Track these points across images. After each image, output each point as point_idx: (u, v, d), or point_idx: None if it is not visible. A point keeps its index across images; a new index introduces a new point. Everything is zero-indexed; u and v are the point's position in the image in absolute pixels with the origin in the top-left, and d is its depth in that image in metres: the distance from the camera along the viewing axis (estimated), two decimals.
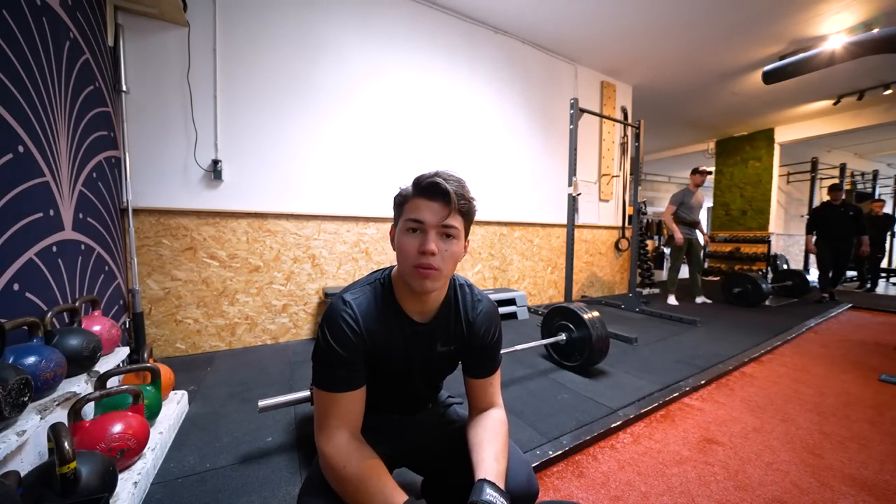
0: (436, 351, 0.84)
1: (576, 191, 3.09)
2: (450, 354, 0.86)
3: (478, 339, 0.85)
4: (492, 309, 0.89)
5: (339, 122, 2.96)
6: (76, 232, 1.64)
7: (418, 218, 0.71)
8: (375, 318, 0.76)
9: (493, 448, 0.74)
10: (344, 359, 0.72)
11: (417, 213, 0.72)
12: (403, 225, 0.74)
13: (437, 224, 0.71)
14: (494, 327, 0.87)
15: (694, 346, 2.73)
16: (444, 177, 0.72)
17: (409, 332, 0.81)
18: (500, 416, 0.84)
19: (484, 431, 0.79)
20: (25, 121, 1.30)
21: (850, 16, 3.49)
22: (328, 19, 2.89)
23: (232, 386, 1.96)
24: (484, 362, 0.87)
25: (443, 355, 0.85)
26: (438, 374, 0.92)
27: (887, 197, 9.33)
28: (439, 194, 0.71)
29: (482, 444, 0.76)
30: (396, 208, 0.78)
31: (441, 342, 0.84)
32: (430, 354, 0.84)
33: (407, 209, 0.74)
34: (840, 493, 1.24)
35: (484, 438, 0.77)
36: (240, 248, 2.60)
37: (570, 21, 3.67)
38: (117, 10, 2.21)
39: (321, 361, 0.73)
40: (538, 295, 4.32)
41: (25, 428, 0.94)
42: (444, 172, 0.73)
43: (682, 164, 10.05)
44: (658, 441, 1.54)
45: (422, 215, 0.71)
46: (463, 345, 0.86)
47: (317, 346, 0.75)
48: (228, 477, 1.23)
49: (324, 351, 0.73)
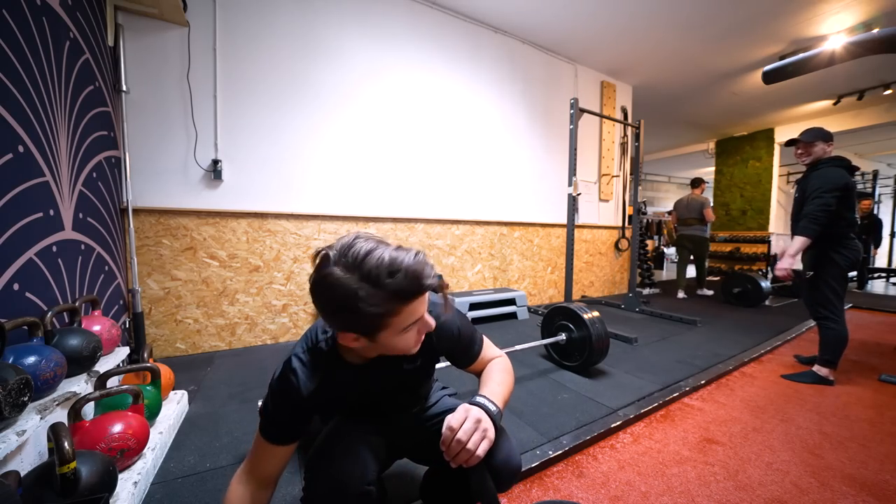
0: (403, 370, 0.83)
1: (576, 191, 3.09)
2: (417, 369, 0.86)
3: (441, 343, 0.85)
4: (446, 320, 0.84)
5: (340, 121, 2.96)
6: (76, 232, 1.64)
7: (416, 319, 0.66)
8: (321, 382, 0.75)
9: (491, 380, 0.84)
10: (281, 420, 0.75)
11: (415, 315, 0.65)
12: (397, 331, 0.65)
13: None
14: (456, 327, 0.85)
15: (694, 345, 2.73)
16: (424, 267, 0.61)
17: (367, 375, 0.79)
18: (498, 360, 0.91)
19: (484, 373, 0.88)
20: (25, 121, 1.30)
21: (850, 16, 3.49)
22: (328, 19, 2.89)
23: (232, 386, 1.96)
24: (463, 352, 0.89)
25: (410, 371, 0.84)
26: (413, 385, 0.91)
27: (887, 197, 9.32)
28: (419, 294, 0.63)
29: (482, 381, 0.86)
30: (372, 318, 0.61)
31: (406, 362, 0.82)
32: (399, 375, 0.84)
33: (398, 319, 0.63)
34: (840, 493, 1.24)
35: (484, 378, 0.87)
36: (240, 248, 2.60)
37: (570, 21, 3.67)
38: (117, 10, 2.21)
39: (264, 412, 0.77)
40: (538, 295, 4.32)
41: (25, 428, 0.94)
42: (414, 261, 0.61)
43: (682, 164, 10.06)
44: (658, 441, 1.54)
45: (418, 313, 0.65)
46: (432, 352, 0.86)
47: (264, 400, 0.78)
48: (228, 477, 1.22)
49: (267, 405, 0.76)
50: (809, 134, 2.17)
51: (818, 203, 2.03)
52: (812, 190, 2.09)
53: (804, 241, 2.07)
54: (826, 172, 2.08)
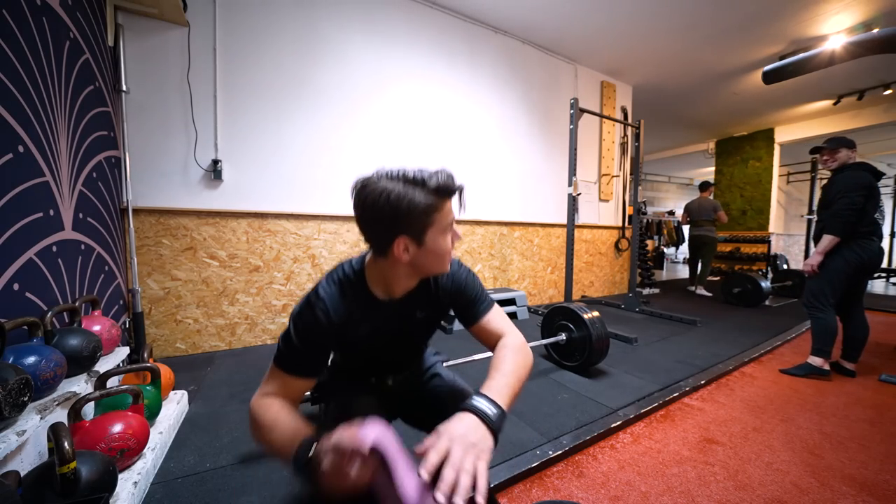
0: (415, 318, 0.87)
1: (576, 191, 3.09)
2: (428, 319, 0.90)
3: (448, 294, 0.88)
4: (458, 268, 0.91)
5: (340, 121, 2.95)
6: (76, 232, 1.64)
7: (451, 219, 0.75)
8: (346, 310, 0.78)
9: (499, 368, 0.77)
10: (304, 350, 0.75)
11: (450, 215, 0.75)
12: (439, 229, 0.74)
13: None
14: (461, 275, 0.90)
15: (694, 346, 2.73)
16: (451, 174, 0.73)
17: (384, 313, 0.82)
18: (508, 341, 0.85)
19: (494, 356, 0.82)
20: (25, 121, 1.30)
21: (850, 16, 3.49)
22: (329, 19, 2.89)
23: (232, 386, 1.96)
24: (469, 304, 0.89)
25: (421, 321, 0.89)
26: (418, 338, 0.97)
27: (887, 197, 9.32)
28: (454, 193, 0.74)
29: (491, 366, 0.78)
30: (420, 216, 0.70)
31: (420, 309, 0.87)
32: (409, 323, 0.87)
33: (440, 216, 0.73)
34: (840, 493, 1.24)
35: (493, 362, 0.80)
36: (240, 248, 2.60)
37: (570, 21, 3.67)
38: (117, 10, 2.21)
39: (285, 344, 0.76)
40: (538, 295, 4.32)
41: (25, 428, 0.94)
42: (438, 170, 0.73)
43: (682, 164, 10.06)
44: (658, 441, 1.54)
45: (452, 214, 0.75)
46: (440, 305, 0.89)
47: (285, 331, 0.77)
48: (228, 477, 1.23)
49: (290, 338, 0.75)
50: (834, 142, 2.27)
51: (844, 202, 2.11)
52: (836, 191, 2.17)
53: (832, 240, 2.16)
54: (851, 175, 2.16)
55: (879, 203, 2.17)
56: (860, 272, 2.20)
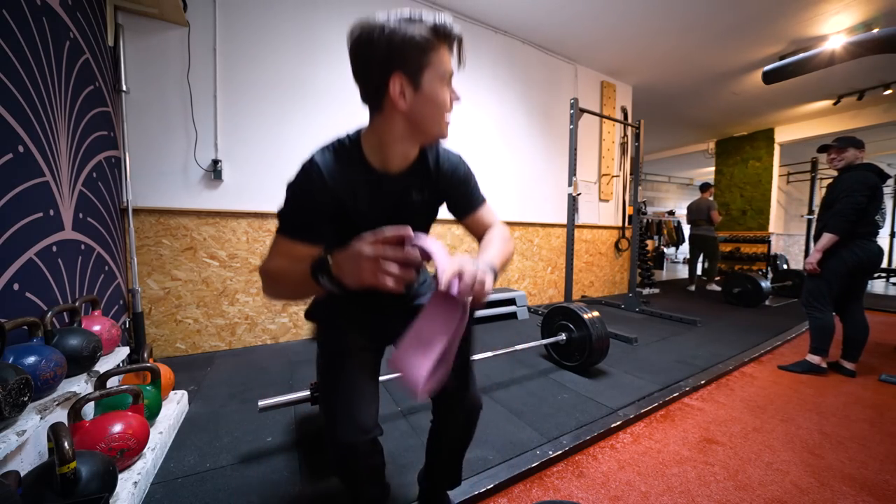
0: (411, 199, 0.84)
1: (576, 191, 3.09)
2: (426, 204, 0.87)
3: (446, 180, 0.87)
4: (455, 155, 0.91)
5: (340, 120, 2.96)
6: (76, 232, 1.64)
7: (450, 70, 0.70)
8: (342, 176, 0.74)
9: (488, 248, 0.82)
10: (304, 211, 0.73)
11: (449, 64, 0.70)
12: (437, 74, 0.68)
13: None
14: (462, 166, 0.90)
15: (694, 346, 2.73)
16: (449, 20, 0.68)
17: (380, 185, 0.79)
18: (498, 229, 0.90)
19: (483, 241, 0.87)
20: (25, 121, 1.30)
21: (850, 16, 3.49)
22: (329, 19, 2.89)
23: (232, 386, 1.96)
24: (469, 194, 0.91)
25: (419, 205, 0.86)
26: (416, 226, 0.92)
27: (887, 197, 9.32)
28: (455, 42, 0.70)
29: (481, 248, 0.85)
30: (415, 51, 0.66)
31: (416, 191, 0.84)
32: (406, 205, 0.84)
33: (437, 58, 0.68)
34: (840, 493, 1.24)
35: (483, 245, 0.86)
36: (240, 248, 2.60)
37: (570, 21, 3.67)
38: (117, 10, 2.21)
39: (285, 210, 0.74)
40: (538, 295, 4.32)
41: (25, 428, 0.94)
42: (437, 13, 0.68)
43: (682, 164, 10.06)
44: (658, 441, 1.54)
45: (451, 65, 0.70)
46: (437, 191, 0.87)
47: (283, 203, 0.74)
48: (228, 477, 1.23)
49: (288, 203, 0.74)
50: (843, 141, 2.28)
51: (848, 201, 2.12)
52: (841, 190, 2.18)
53: (831, 238, 2.17)
54: (857, 175, 2.17)
55: (882, 205, 2.17)
56: (858, 272, 2.21)
